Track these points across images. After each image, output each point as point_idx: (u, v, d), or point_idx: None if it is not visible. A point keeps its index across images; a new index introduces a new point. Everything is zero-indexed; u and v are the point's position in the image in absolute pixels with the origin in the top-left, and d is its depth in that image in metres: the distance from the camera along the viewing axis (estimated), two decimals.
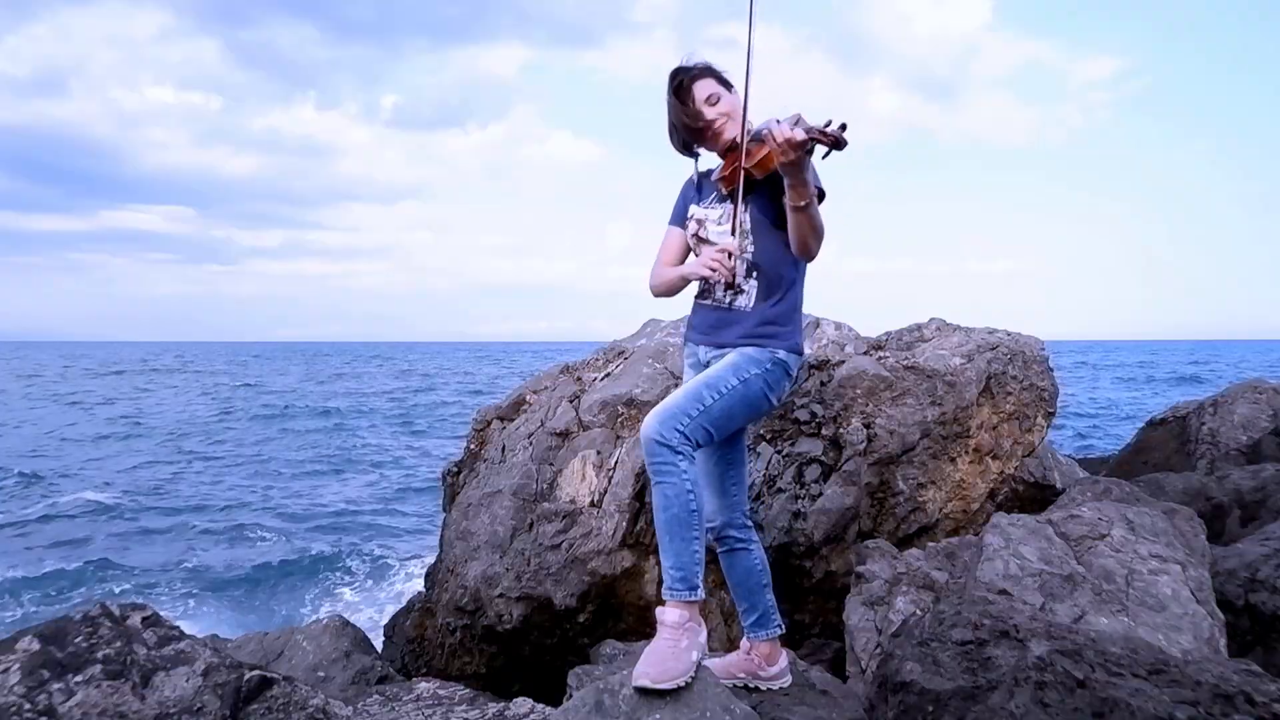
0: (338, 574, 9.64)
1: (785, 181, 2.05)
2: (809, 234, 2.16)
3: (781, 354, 2.27)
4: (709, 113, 2.28)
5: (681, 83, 2.30)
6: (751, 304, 2.30)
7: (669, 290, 2.46)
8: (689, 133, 2.34)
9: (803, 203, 2.07)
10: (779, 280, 2.30)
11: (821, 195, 2.24)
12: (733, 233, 2.26)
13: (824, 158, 2.06)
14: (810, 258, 2.26)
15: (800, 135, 1.96)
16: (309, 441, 21.08)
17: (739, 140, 2.24)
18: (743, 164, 2.19)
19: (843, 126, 1.99)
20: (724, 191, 2.32)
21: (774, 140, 1.98)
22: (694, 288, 2.48)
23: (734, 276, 2.25)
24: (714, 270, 2.24)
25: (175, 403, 32.49)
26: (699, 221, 2.38)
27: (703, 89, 2.29)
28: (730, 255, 2.23)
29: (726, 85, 2.33)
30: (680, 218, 2.48)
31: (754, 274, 2.31)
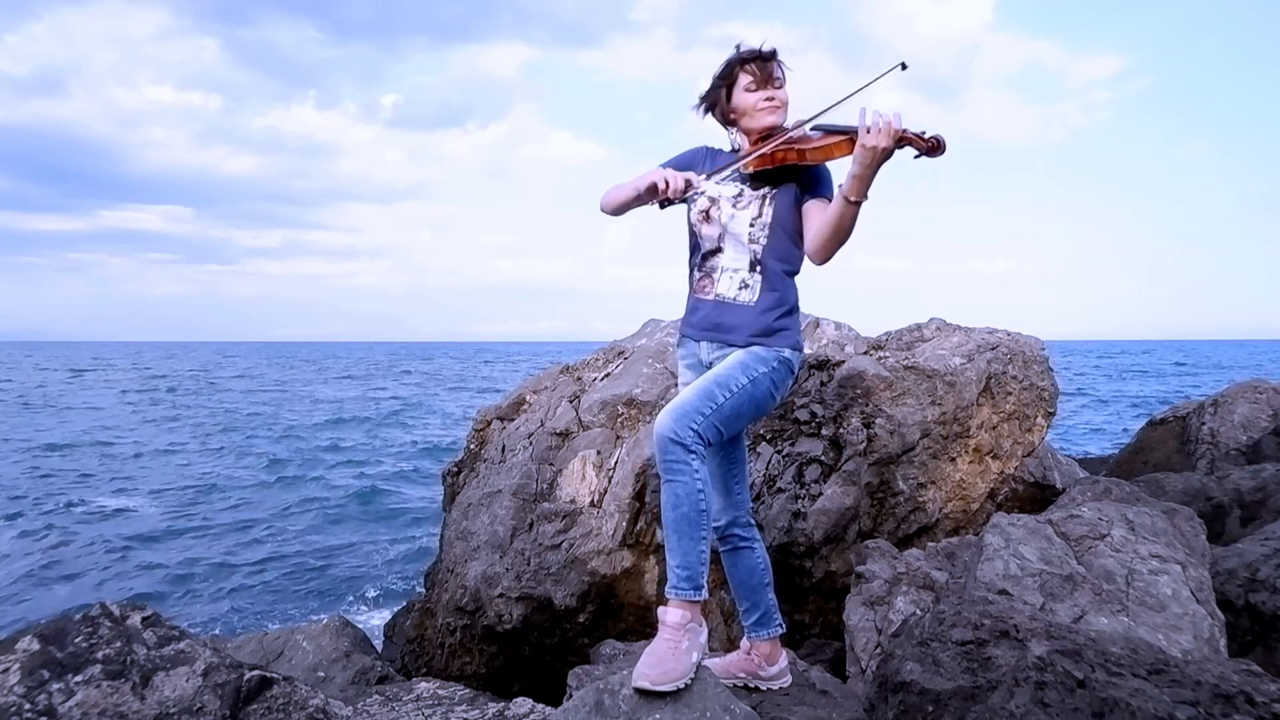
0: (338, 574, 9.64)
1: (852, 170, 2.02)
2: (843, 233, 2.11)
3: (786, 353, 2.27)
4: (778, 92, 2.29)
5: (757, 58, 2.30)
6: (755, 299, 2.29)
7: (618, 204, 2.36)
8: (717, 101, 2.34)
9: (856, 198, 2.04)
10: (783, 280, 2.30)
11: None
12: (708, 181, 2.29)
13: (915, 158, 2.05)
14: (824, 260, 2.20)
15: (900, 126, 1.95)
16: None
17: (785, 127, 2.26)
18: (797, 146, 2.19)
19: (938, 138, 2.01)
20: (745, 173, 2.30)
21: (870, 125, 1.96)
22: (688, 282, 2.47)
23: (674, 198, 2.22)
24: (664, 185, 2.19)
25: None
26: (711, 199, 2.34)
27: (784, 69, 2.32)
28: (688, 184, 2.21)
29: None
30: (677, 167, 2.36)
31: (757, 269, 2.30)
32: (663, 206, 2.27)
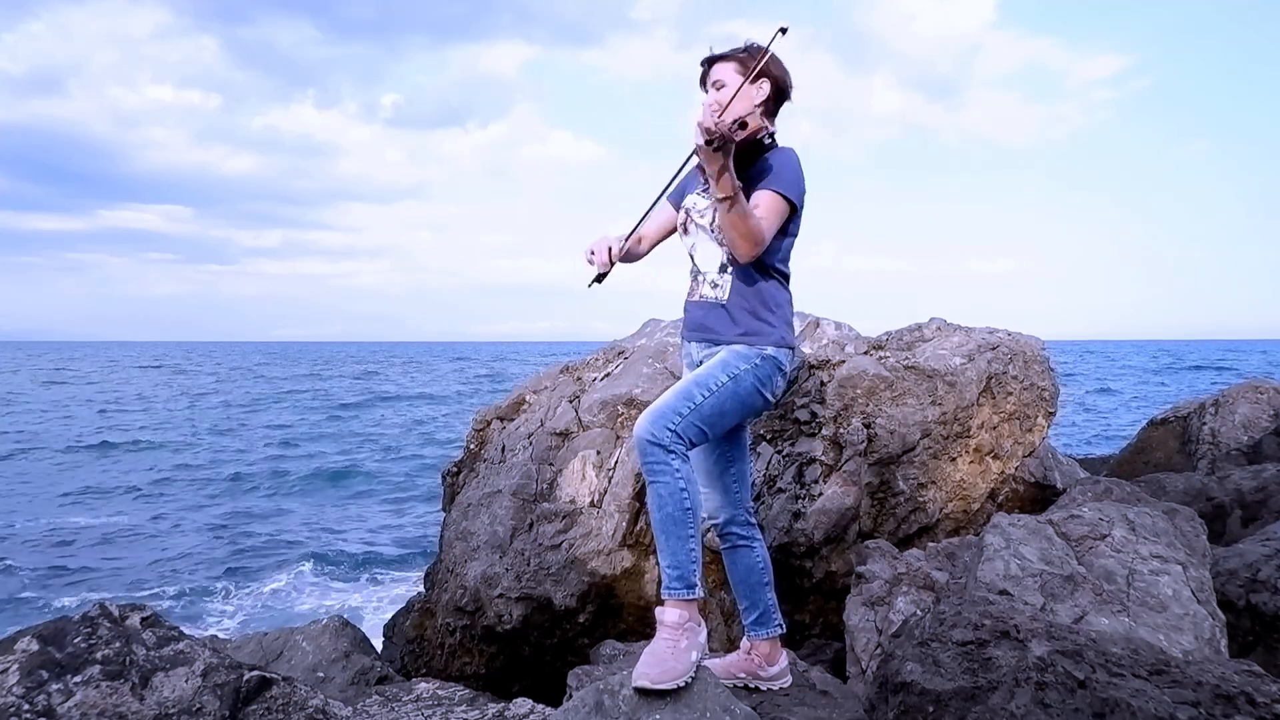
0: (336, 574, 9.65)
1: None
2: (730, 231, 2.09)
3: (770, 350, 2.26)
4: (709, 96, 2.29)
5: (708, 63, 2.33)
6: (726, 297, 2.30)
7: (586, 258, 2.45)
8: None
9: (720, 196, 2.02)
10: (754, 277, 2.29)
11: (794, 208, 2.22)
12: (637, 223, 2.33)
13: (762, 146, 2.06)
14: (741, 258, 2.18)
15: (709, 123, 1.91)
16: None
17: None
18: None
19: (742, 124, 1.99)
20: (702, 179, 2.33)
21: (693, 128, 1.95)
22: (686, 285, 2.48)
23: (603, 268, 2.27)
24: (589, 253, 2.28)
25: None
26: (688, 211, 2.40)
27: (715, 72, 2.31)
28: (610, 250, 2.27)
29: (750, 72, 2.28)
30: (677, 196, 2.47)
31: (727, 270, 2.31)
32: (598, 280, 2.30)
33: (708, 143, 1.92)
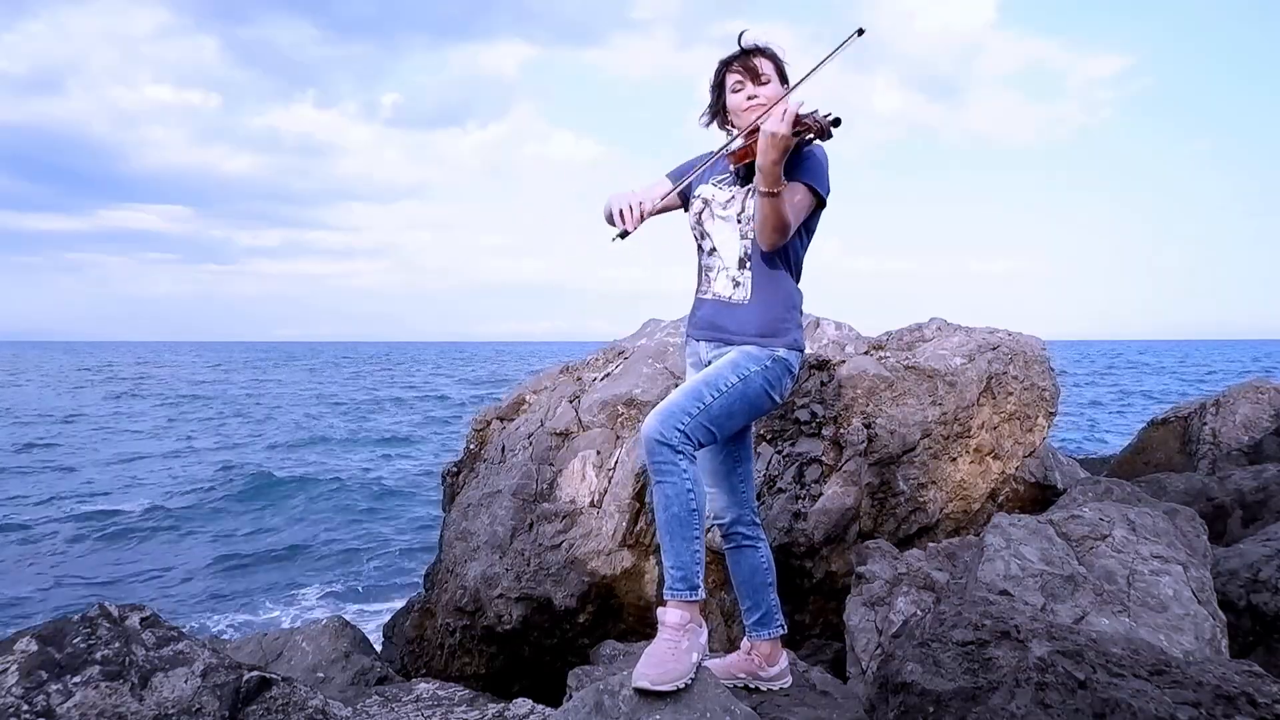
0: (336, 575, 9.64)
1: (757, 161, 2.01)
2: (768, 224, 2.11)
3: (781, 352, 2.24)
4: (768, 91, 2.27)
5: (737, 57, 2.30)
6: (748, 297, 2.28)
7: (606, 214, 2.39)
8: (719, 107, 2.35)
9: (766, 189, 2.03)
10: (775, 276, 2.28)
11: (821, 203, 2.25)
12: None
13: (808, 142, 2.08)
14: (767, 248, 2.21)
15: (785, 129, 1.93)
16: None
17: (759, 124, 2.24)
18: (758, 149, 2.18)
19: (835, 121, 2.00)
20: (733, 168, 2.31)
21: (773, 112, 1.96)
22: (694, 283, 2.46)
23: (627, 226, 2.22)
24: (618, 212, 2.23)
25: None
26: (705, 201, 2.36)
27: (763, 65, 2.28)
28: (639, 210, 2.22)
29: (781, 75, 2.30)
30: (678, 176, 2.43)
31: (747, 266, 2.29)
32: (622, 237, 2.27)
33: (796, 132, 1.94)
